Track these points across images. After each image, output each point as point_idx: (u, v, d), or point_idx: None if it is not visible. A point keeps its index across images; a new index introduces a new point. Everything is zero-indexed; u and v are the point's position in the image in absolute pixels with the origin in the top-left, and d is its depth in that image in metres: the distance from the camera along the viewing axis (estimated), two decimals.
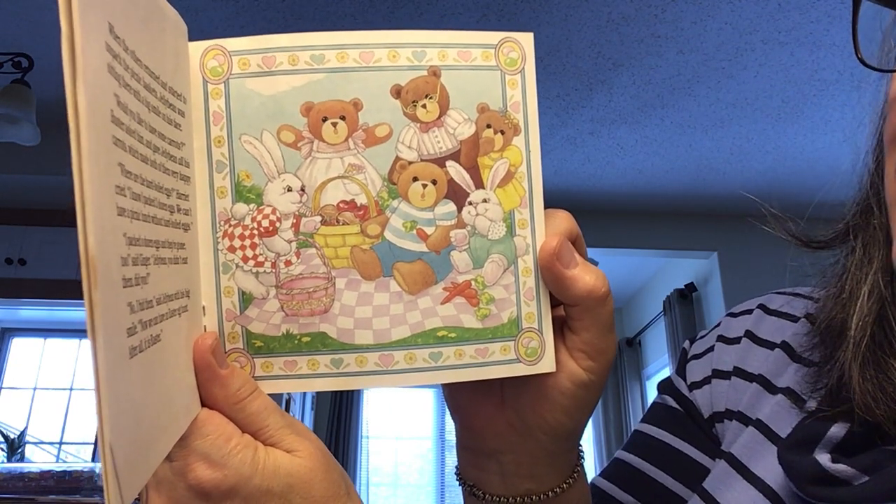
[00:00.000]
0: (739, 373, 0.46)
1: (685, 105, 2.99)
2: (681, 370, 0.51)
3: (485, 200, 0.36)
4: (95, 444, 4.08)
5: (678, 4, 2.38)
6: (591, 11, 2.43)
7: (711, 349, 0.50)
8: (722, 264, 3.90)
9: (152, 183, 0.29)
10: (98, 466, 2.24)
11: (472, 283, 0.36)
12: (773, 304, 0.49)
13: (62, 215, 3.45)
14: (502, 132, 0.36)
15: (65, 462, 4.08)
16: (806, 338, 0.42)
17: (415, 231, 0.36)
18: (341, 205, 0.35)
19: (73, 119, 0.22)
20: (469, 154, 0.36)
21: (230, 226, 0.35)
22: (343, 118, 0.35)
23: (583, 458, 0.42)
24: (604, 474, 0.51)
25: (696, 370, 0.50)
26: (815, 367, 0.40)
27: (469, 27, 2.58)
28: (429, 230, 0.36)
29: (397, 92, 0.35)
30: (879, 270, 0.37)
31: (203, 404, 0.32)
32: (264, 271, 0.35)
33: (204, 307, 0.35)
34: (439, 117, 0.36)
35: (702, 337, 0.52)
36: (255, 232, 0.35)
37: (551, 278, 0.35)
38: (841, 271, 0.39)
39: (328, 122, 0.35)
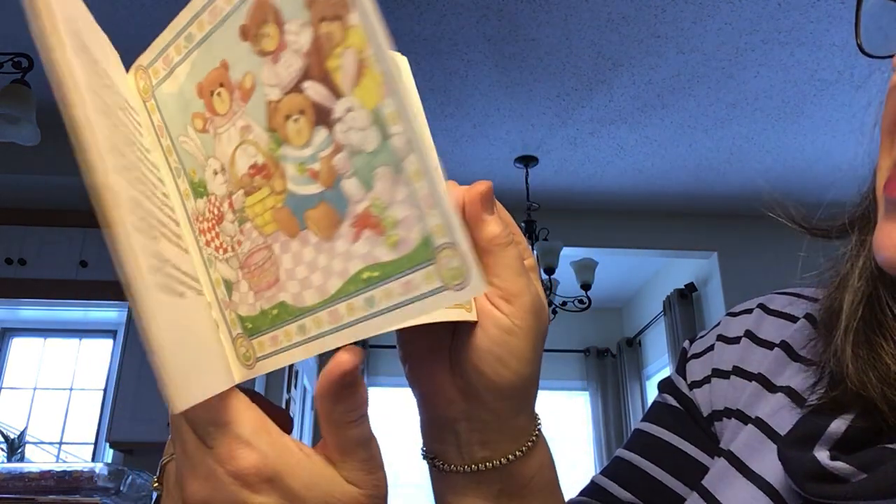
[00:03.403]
0: (739, 372, 0.46)
1: (685, 105, 2.99)
2: (681, 369, 0.52)
3: (349, 110, 0.31)
4: (95, 444, 4.08)
5: (678, 4, 2.38)
6: (591, 11, 2.43)
7: (711, 348, 0.50)
8: (722, 264, 3.90)
9: (149, 182, 0.30)
10: (98, 466, 2.24)
11: (371, 209, 0.31)
12: (773, 305, 0.49)
13: (62, 215, 3.45)
14: (338, 18, 0.30)
15: (65, 462, 4.08)
16: (806, 337, 0.42)
17: (307, 172, 0.32)
18: (251, 171, 0.34)
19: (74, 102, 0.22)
20: (317, 64, 0.31)
21: (199, 222, 0.36)
22: (221, 85, 0.34)
23: (539, 425, 0.42)
24: (604, 472, 0.51)
25: (695, 369, 0.50)
26: (815, 365, 0.40)
27: (469, 27, 2.58)
28: (316, 167, 0.32)
29: (244, 33, 0.33)
30: (870, 253, 0.37)
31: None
32: (230, 256, 0.35)
33: (210, 303, 0.35)
34: (281, 39, 0.32)
35: (702, 337, 0.52)
36: (214, 222, 0.36)
37: (472, 215, 0.36)
38: (841, 260, 0.40)
39: (214, 95, 0.35)
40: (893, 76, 0.36)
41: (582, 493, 0.51)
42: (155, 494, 0.35)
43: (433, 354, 0.40)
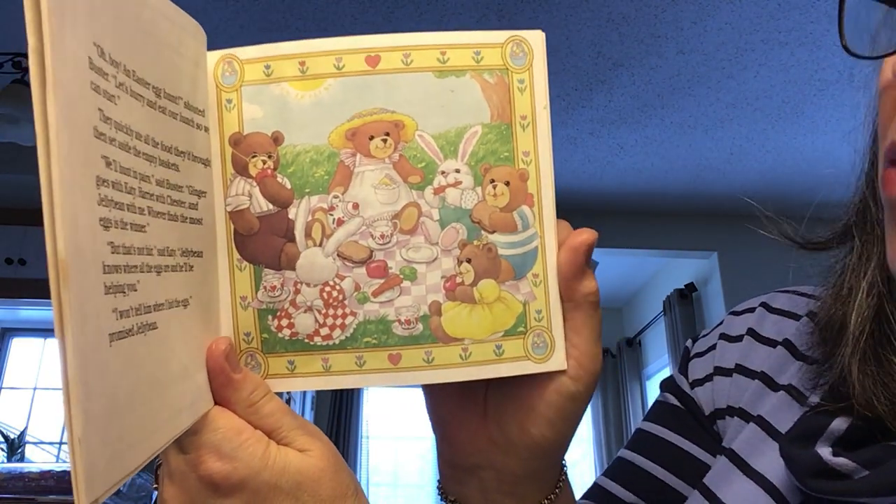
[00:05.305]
0: (741, 370, 0.46)
1: (685, 105, 2.99)
2: (683, 368, 0.51)
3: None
4: None
5: (678, 4, 2.38)
6: (591, 11, 2.43)
7: (713, 347, 0.50)
8: (722, 264, 3.90)
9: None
10: None
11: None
12: (775, 303, 0.49)
13: None
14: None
15: (65, 462, 4.07)
16: (808, 335, 0.42)
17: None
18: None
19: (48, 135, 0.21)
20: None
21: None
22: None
23: (566, 472, 0.41)
24: (607, 473, 0.51)
25: (698, 368, 0.50)
26: (816, 364, 0.40)
27: (469, 27, 2.57)
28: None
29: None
30: (878, 267, 0.36)
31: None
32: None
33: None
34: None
35: (704, 335, 0.52)
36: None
37: (572, 269, 0.35)
38: (840, 269, 0.39)
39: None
40: (883, 76, 0.35)
41: (585, 497, 0.51)
42: (154, 494, 0.35)
43: (464, 400, 0.39)
